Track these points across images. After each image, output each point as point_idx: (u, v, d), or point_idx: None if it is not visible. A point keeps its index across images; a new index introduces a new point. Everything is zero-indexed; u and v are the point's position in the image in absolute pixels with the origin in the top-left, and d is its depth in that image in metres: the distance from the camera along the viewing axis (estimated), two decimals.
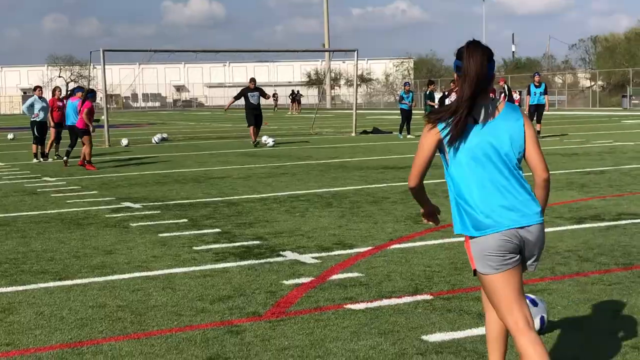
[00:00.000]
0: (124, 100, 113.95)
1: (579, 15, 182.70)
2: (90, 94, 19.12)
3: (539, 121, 27.10)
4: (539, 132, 26.95)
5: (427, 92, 30.76)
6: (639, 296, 6.26)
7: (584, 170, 15.66)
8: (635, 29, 78.14)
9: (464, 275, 7.10)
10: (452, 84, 29.99)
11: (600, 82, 75.65)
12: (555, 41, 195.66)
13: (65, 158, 19.33)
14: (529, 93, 27.30)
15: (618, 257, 7.68)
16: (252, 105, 25.77)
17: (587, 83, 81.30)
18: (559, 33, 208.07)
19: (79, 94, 19.89)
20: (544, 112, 27.49)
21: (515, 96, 28.07)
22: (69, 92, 21.87)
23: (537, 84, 27.15)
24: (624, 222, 9.67)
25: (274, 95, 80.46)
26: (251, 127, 25.62)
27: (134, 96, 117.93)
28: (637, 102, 63.28)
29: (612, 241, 8.49)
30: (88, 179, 16.07)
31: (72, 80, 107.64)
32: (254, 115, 25.69)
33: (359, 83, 34.78)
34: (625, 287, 6.57)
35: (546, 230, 9.10)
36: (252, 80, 27.07)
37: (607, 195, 12.02)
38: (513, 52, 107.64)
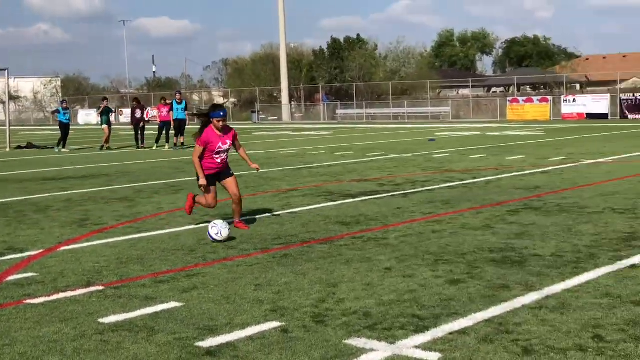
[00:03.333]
0: None
1: (209, 40, 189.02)
2: None
3: (182, 134, 28.03)
4: (182, 144, 27.89)
5: (103, 108, 30.04)
6: (274, 272, 7.11)
7: None
8: (258, 54, 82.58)
9: (129, 267, 7.50)
10: (134, 101, 30.15)
11: (232, 99, 78.98)
12: (191, 63, 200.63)
13: None
14: (172, 109, 28.11)
15: (256, 244, 8.54)
16: None
17: (221, 100, 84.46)
18: (194, 55, 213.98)
19: None
20: (186, 126, 28.47)
21: (154, 112, 28.84)
22: None
23: (179, 101, 28.10)
24: (259, 216, 10.63)
25: None
26: None
27: None
28: (264, 116, 67.19)
29: (251, 231, 9.37)
30: None
31: None
32: None
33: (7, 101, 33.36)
34: (264, 266, 7.40)
35: (196, 226, 9.74)
36: None
37: (244, 195, 12.99)
38: (154, 72, 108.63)
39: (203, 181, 9.30)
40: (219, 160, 9.44)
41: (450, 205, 11.26)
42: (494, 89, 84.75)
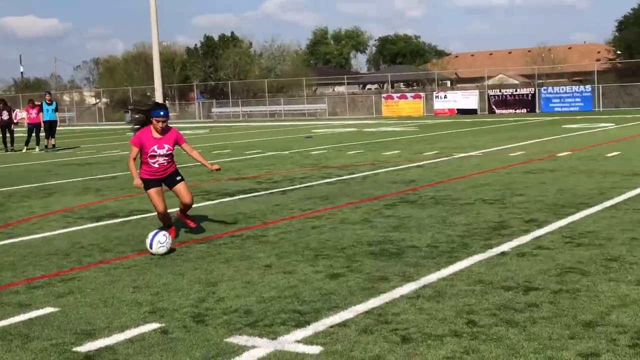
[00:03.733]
0: None
1: (79, 39, 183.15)
2: None
3: (53, 136, 27.24)
4: (54, 146, 27.06)
5: None
6: (152, 273, 7.02)
7: (97, 177, 16.28)
8: (130, 53, 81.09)
9: (1, 274, 7.23)
10: (1, 103, 28.68)
11: (104, 99, 77.15)
12: (61, 63, 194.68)
13: None
14: (41, 110, 27.23)
15: (133, 245, 8.40)
16: None
17: (93, 100, 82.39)
18: (64, 55, 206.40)
19: None
20: (57, 128, 27.66)
21: (22, 114, 27.86)
22: None
23: (49, 102, 27.27)
24: (135, 217, 10.47)
25: None
26: None
27: None
28: (137, 116, 65.90)
29: (127, 233, 9.21)
30: None
31: None
32: None
33: None
34: (141, 268, 7.30)
35: (70, 229, 9.51)
36: None
37: (119, 196, 12.77)
38: (22, 72, 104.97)
39: (137, 181, 8.40)
40: (156, 165, 8.41)
41: (329, 200, 11.41)
42: (368, 86, 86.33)
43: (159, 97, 65.53)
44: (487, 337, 4.90)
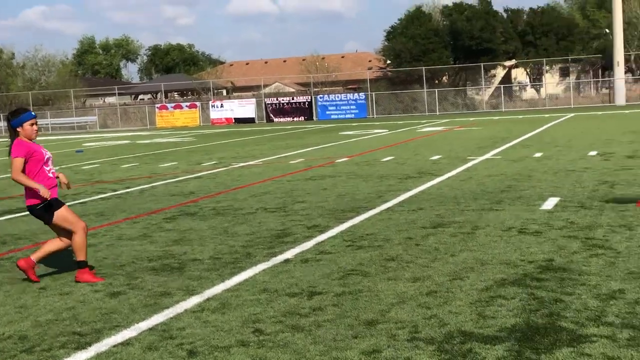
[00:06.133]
0: None
1: None
2: None
3: None
4: None
5: None
6: None
7: None
8: None
9: None
10: None
11: None
12: None
13: None
14: None
15: None
16: None
17: None
18: None
19: None
20: None
21: None
22: None
23: None
24: None
25: None
26: None
27: None
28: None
29: None
30: None
31: None
32: None
33: None
34: None
35: None
36: None
37: None
38: None
39: (46, 192, 7.18)
40: (51, 175, 7.34)
41: (105, 217, 11.18)
42: (141, 97, 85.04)
43: None
44: (274, 344, 5.05)
